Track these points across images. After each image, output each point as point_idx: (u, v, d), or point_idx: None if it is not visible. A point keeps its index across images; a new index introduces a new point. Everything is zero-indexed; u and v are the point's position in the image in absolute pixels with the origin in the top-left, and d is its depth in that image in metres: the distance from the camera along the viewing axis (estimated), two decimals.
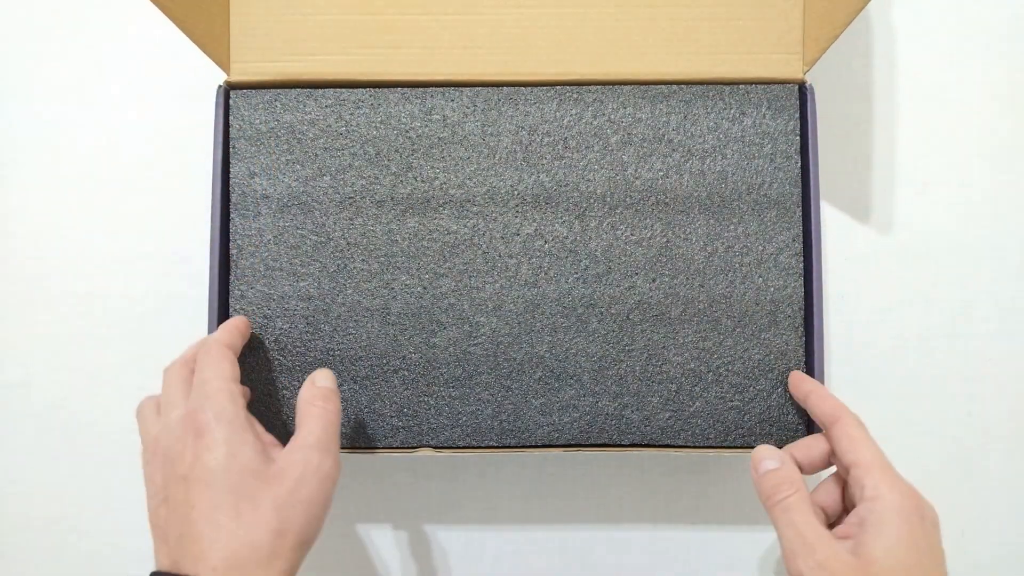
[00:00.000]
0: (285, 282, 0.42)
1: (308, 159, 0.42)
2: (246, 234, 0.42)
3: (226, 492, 0.31)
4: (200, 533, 0.30)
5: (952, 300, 0.49)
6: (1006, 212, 0.49)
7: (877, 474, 0.33)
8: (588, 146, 0.42)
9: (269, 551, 0.31)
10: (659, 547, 0.48)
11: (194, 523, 0.31)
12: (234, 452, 0.32)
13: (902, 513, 0.32)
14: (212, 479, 0.31)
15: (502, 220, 0.42)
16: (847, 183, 0.49)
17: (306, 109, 0.42)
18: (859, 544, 0.32)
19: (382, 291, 0.42)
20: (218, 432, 0.32)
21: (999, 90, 0.50)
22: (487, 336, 0.41)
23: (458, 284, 0.42)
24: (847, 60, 0.50)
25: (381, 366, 0.41)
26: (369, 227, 0.42)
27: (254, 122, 0.42)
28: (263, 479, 0.32)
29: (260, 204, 0.42)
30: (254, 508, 0.31)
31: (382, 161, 0.42)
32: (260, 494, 0.31)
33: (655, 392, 0.41)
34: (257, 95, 0.42)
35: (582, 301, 0.41)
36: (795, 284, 0.41)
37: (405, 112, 0.42)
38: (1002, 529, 0.49)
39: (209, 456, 0.32)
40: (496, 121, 0.42)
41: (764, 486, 0.36)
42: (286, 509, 0.32)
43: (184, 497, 0.31)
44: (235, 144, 0.42)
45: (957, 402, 0.49)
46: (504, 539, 0.48)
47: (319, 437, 0.34)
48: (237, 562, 0.30)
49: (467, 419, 0.41)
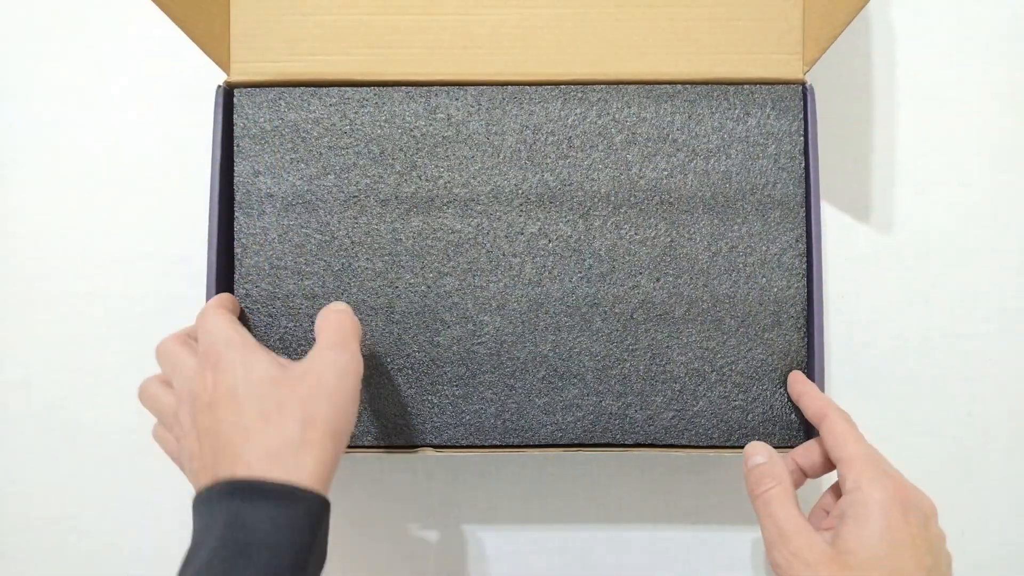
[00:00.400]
0: (290, 281, 0.42)
1: (312, 158, 0.42)
2: (251, 233, 0.42)
3: (250, 401, 0.32)
4: (231, 441, 0.31)
5: (952, 300, 0.49)
6: (1006, 212, 0.49)
7: (858, 467, 0.34)
8: (592, 145, 0.42)
9: (299, 441, 0.31)
10: (659, 547, 0.48)
11: (225, 436, 0.31)
12: (251, 366, 0.33)
13: (880, 506, 0.32)
14: (235, 394, 0.32)
15: (506, 219, 0.42)
16: (847, 183, 0.50)
17: (310, 107, 0.42)
18: (837, 535, 0.33)
19: (386, 290, 0.42)
20: (232, 355, 0.33)
21: (999, 90, 0.50)
22: (491, 335, 0.41)
23: (462, 283, 0.41)
24: (847, 60, 0.50)
25: (385, 364, 0.42)
26: (373, 226, 0.42)
27: (258, 120, 0.42)
28: (283, 383, 0.33)
29: (264, 203, 0.42)
30: (279, 408, 0.32)
31: (386, 160, 0.42)
32: (283, 396, 0.32)
33: (659, 391, 0.41)
34: (261, 93, 0.42)
35: (586, 300, 0.41)
36: (798, 284, 0.41)
37: (409, 111, 0.42)
38: (1002, 529, 0.49)
39: (228, 377, 0.32)
40: (500, 120, 0.42)
41: (750, 480, 0.37)
42: (310, 402, 0.32)
43: (211, 421, 0.32)
44: (239, 143, 0.42)
45: (957, 402, 0.49)
46: (504, 539, 0.48)
47: (332, 339, 0.35)
48: (269, 454, 0.31)
49: (470, 418, 0.41)
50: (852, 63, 0.50)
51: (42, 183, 0.49)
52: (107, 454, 0.48)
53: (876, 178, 0.50)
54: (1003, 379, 0.49)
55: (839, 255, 0.49)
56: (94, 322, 0.49)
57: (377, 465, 0.48)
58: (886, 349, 0.49)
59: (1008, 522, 0.49)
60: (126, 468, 0.47)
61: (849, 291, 0.49)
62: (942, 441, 0.49)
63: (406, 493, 0.48)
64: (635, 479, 0.48)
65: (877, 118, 0.50)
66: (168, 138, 0.49)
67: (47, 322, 0.49)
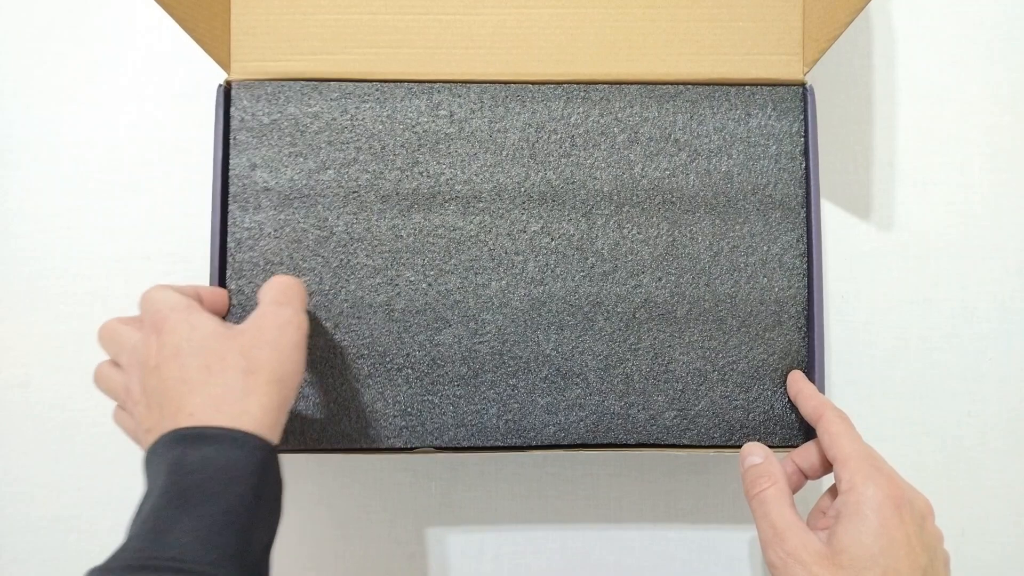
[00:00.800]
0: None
1: (311, 152, 0.41)
2: (245, 227, 0.41)
3: (194, 356, 0.32)
4: (176, 395, 0.31)
5: (952, 300, 0.49)
6: (1006, 212, 0.49)
7: (852, 466, 0.34)
8: (595, 144, 0.42)
9: (242, 388, 0.32)
10: (659, 547, 0.48)
11: (170, 392, 0.32)
12: (195, 326, 0.33)
13: (874, 504, 0.32)
14: (179, 352, 0.32)
15: (509, 217, 0.41)
16: (847, 183, 0.50)
17: (310, 102, 0.42)
18: (831, 534, 0.33)
19: (386, 287, 0.41)
20: (176, 316, 0.33)
21: (999, 90, 0.50)
22: (493, 334, 0.41)
23: (464, 281, 0.41)
24: (847, 60, 0.50)
25: (384, 364, 0.41)
26: (373, 222, 0.41)
27: (256, 113, 0.42)
28: (226, 337, 0.33)
29: (261, 197, 0.41)
30: (221, 359, 0.32)
31: (387, 156, 0.42)
32: (225, 348, 0.33)
33: (661, 391, 0.41)
34: (260, 87, 0.42)
35: (588, 299, 0.41)
36: (799, 284, 0.41)
37: (411, 107, 0.42)
38: (1002, 529, 0.49)
39: (173, 337, 0.33)
40: (504, 117, 0.42)
41: (746, 480, 0.37)
42: (251, 350, 0.33)
43: (157, 381, 0.32)
44: (236, 135, 0.41)
45: (957, 402, 0.49)
46: (504, 539, 0.48)
47: (274, 297, 0.35)
48: (212, 403, 0.31)
49: (472, 418, 0.41)
50: (852, 63, 0.50)
51: (42, 183, 0.49)
52: (107, 454, 0.48)
53: (876, 178, 0.50)
54: (1003, 379, 0.49)
55: (839, 255, 0.49)
56: (94, 322, 0.48)
57: (377, 465, 0.48)
58: (886, 349, 0.49)
59: (1008, 522, 0.49)
60: (126, 468, 0.47)
61: (849, 291, 0.49)
62: (942, 441, 0.49)
63: (406, 493, 0.48)
64: (635, 479, 0.48)
65: (877, 118, 0.50)
66: (168, 138, 0.49)
67: (47, 322, 0.49)
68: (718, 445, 0.41)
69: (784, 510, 0.34)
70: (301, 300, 0.36)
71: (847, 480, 0.33)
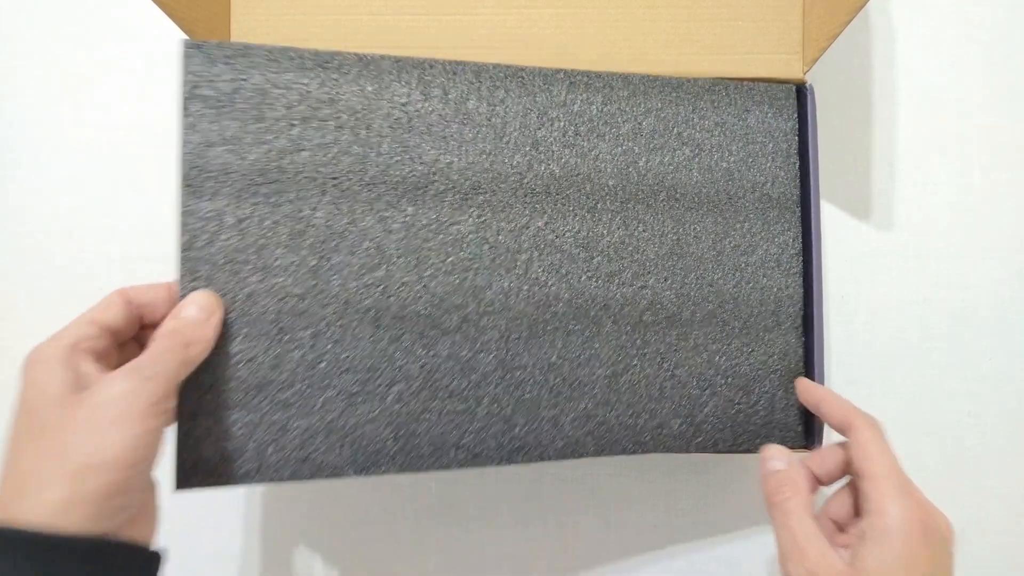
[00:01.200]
0: (251, 277, 0.34)
1: (282, 129, 0.35)
2: (202, 217, 0.34)
3: (20, 426, 0.30)
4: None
5: (952, 300, 0.49)
6: (1006, 212, 0.49)
7: (882, 486, 0.33)
8: (599, 134, 0.39)
9: (42, 477, 0.28)
10: (659, 547, 0.48)
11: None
12: (41, 387, 0.30)
13: (902, 530, 0.32)
14: (14, 416, 0.30)
15: (510, 211, 0.38)
16: (847, 183, 0.50)
17: (281, 69, 0.35)
18: (855, 555, 0.32)
19: (374, 290, 0.36)
20: (30, 372, 0.31)
21: (999, 90, 0.50)
22: (495, 341, 0.37)
23: (462, 282, 0.37)
24: (847, 60, 0.50)
25: (373, 379, 0.36)
26: (358, 214, 0.36)
27: (212, 80, 0.34)
28: (60, 406, 0.29)
29: (219, 181, 0.34)
30: (39, 436, 0.29)
31: (372, 137, 0.36)
32: (49, 421, 0.29)
33: (667, 397, 0.39)
34: (218, 48, 0.34)
35: (595, 302, 0.39)
36: (795, 284, 0.41)
37: (401, 81, 0.37)
38: (1002, 529, 0.49)
39: (20, 397, 0.30)
40: (503, 100, 0.38)
41: (768, 485, 0.36)
42: (68, 432, 0.29)
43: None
44: (188, 106, 0.34)
45: (957, 402, 0.49)
46: (504, 539, 0.48)
47: (139, 361, 0.31)
48: (9, 492, 0.28)
49: (473, 437, 0.37)
50: (852, 63, 0.50)
51: (42, 183, 0.49)
52: None
53: (876, 178, 0.50)
54: (1003, 379, 0.49)
55: (839, 255, 0.49)
56: None
57: None
58: (886, 349, 0.49)
59: (1008, 522, 0.49)
60: None
61: (849, 291, 0.49)
62: (942, 441, 0.49)
63: (406, 493, 0.48)
64: (635, 479, 0.48)
65: (877, 118, 0.50)
66: (168, 138, 0.49)
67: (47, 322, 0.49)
68: (723, 451, 0.40)
69: (806, 523, 0.33)
70: (169, 368, 0.31)
71: (876, 500, 0.33)
